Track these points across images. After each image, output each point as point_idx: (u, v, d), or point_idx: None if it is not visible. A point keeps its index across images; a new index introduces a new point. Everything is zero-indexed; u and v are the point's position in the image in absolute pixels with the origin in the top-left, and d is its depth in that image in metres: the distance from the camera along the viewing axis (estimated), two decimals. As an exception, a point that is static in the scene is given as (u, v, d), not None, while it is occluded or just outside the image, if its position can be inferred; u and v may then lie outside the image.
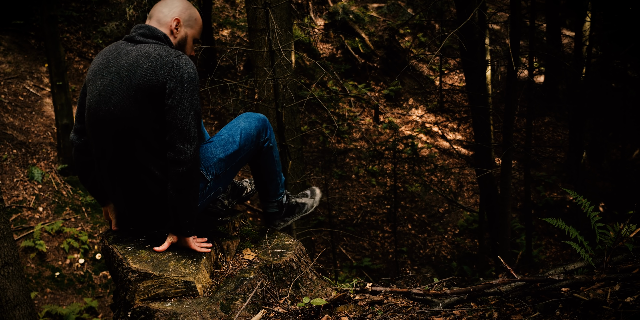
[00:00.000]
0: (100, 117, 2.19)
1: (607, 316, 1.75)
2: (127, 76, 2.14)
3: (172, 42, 2.31)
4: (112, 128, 2.17)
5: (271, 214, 2.72)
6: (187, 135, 2.12)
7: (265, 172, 2.58)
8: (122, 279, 2.24)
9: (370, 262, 9.85)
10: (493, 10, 12.99)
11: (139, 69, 2.13)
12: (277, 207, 2.69)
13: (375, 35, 14.55)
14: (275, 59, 3.63)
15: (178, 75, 2.12)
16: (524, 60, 8.67)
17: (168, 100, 2.12)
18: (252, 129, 2.44)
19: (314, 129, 9.73)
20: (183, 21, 2.33)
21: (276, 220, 2.73)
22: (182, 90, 2.12)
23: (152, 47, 2.19)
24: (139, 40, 2.23)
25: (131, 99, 2.13)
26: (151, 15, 2.33)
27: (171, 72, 2.12)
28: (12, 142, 8.57)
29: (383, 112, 13.50)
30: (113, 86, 2.16)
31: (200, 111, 2.20)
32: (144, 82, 2.12)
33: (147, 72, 2.12)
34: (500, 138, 10.16)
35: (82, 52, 11.08)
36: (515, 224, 10.53)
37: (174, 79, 2.11)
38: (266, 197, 2.66)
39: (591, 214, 2.35)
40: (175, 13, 2.31)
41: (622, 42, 10.73)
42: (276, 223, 2.74)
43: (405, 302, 2.34)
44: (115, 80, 2.16)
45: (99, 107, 2.19)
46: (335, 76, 12.30)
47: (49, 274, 7.30)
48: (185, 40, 2.35)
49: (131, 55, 2.17)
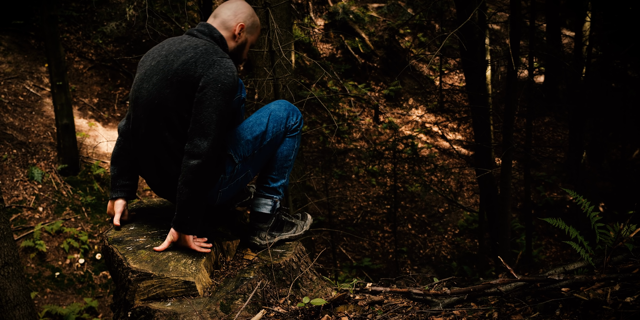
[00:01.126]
0: (140, 94, 2.31)
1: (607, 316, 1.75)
2: (171, 60, 2.25)
3: (230, 45, 2.40)
4: (148, 105, 2.27)
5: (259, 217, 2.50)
6: (207, 131, 2.17)
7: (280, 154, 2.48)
8: (122, 279, 2.24)
9: (370, 262, 9.85)
10: (493, 10, 12.99)
11: (183, 56, 2.23)
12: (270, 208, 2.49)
13: (375, 35, 14.55)
14: (275, 59, 3.63)
15: (215, 74, 2.18)
16: (524, 60, 8.66)
17: (198, 94, 2.19)
18: (281, 111, 2.46)
19: (314, 129, 9.73)
20: (247, 27, 2.42)
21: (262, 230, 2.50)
22: (215, 89, 2.18)
23: (203, 42, 2.30)
24: (195, 35, 2.35)
25: (168, 81, 2.23)
26: (216, 14, 2.40)
27: (210, 69, 2.19)
28: (12, 142, 8.57)
29: (383, 112, 13.50)
30: (158, 67, 2.28)
31: (228, 114, 2.24)
32: (182, 70, 2.21)
33: (189, 61, 2.21)
34: (500, 138, 10.16)
35: (82, 52, 11.08)
36: (515, 224, 10.53)
37: (209, 76, 2.18)
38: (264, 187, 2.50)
39: (591, 214, 2.35)
40: (241, 19, 2.39)
41: (622, 42, 10.73)
42: (261, 235, 2.50)
43: (405, 302, 2.34)
44: (161, 62, 2.28)
45: (142, 84, 2.31)
46: (335, 76, 12.30)
47: (49, 274, 7.30)
48: (244, 45, 2.45)
49: (183, 45, 2.29)
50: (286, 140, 2.49)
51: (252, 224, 2.53)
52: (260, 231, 2.51)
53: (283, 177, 2.53)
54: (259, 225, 2.52)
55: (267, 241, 2.48)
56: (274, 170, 2.50)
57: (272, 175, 2.51)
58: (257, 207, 2.52)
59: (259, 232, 2.51)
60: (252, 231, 2.53)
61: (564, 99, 13.25)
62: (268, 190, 2.52)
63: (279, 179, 2.51)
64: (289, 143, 2.50)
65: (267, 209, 2.50)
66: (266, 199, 2.51)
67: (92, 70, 10.94)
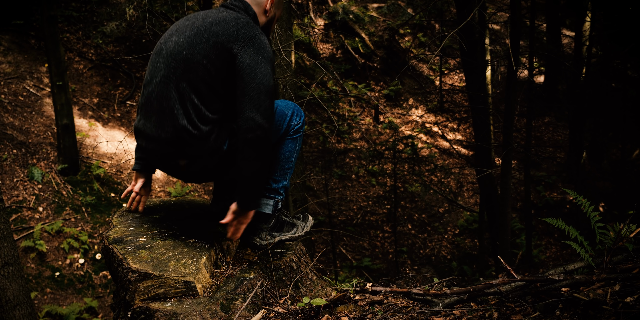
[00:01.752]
0: (167, 46, 2.27)
1: (607, 316, 1.75)
2: (209, 23, 2.22)
3: (261, 20, 2.42)
4: (172, 55, 2.23)
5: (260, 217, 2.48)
6: (258, 103, 2.15)
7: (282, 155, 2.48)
8: (122, 279, 2.24)
9: (370, 262, 9.85)
10: (493, 10, 12.99)
11: (224, 23, 2.21)
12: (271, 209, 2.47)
13: (375, 35, 14.55)
14: (275, 59, 3.63)
15: (258, 46, 2.19)
16: (524, 60, 8.67)
17: (242, 64, 2.16)
18: (287, 109, 2.47)
19: (314, 129, 9.73)
20: (275, 2, 2.44)
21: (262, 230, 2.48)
22: (260, 60, 2.18)
23: (243, 16, 2.29)
24: (231, 8, 2.34)
25: (204, 39, 2.19)
26: None
27: (252, 41, 2.20)
28: (12, 142, 8.57)
29: (383, 112, 13.51)
30: (194, 26, 2.25)
31: (273, 84, 2.23)
32: (223, 34, 2.18)
33: (231, 29, 2.19)
34: (500, 138, 10.16)
35: (82, 52, 11.08)
36: (515, 224, 10.53)
37: (253, 47, 2.18)
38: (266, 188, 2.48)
39: (591, 214, 2.35)
40: None
41: (622, 42, 10.73)
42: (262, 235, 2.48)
43: (405, 302, 2.34)
44: (197, 22, 2.25)
45: (171, 38, 2.28)
46: (335, 76, 12.30)
47: (49, 274, 7.30)
48: (273, 19, 2.48)
49: (222, 14, 2.26)
50: (288, 142, 2.49)
51: (253, 224, 2.50)
52: (260, 231, 2.50)
53: (285, 178, 2.52)
54: (259, 225, 2.50)
55: (267, 241, 2.47)
56: (275, 171, 2.49)
57: (274, 176, 2.50)
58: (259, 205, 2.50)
59: (259, 232, 2.50)
60: (253, 231, 2.51)
61: (564, 99, 13.25)
62: (270, 191, 2.50)
63: (280, 180, 2.51)
64: (290, 144, 2.49)
65: (269, 209, 2.48)
66: (268, 199, 2.49)
67: (92, 70, 10.94)
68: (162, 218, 2.63)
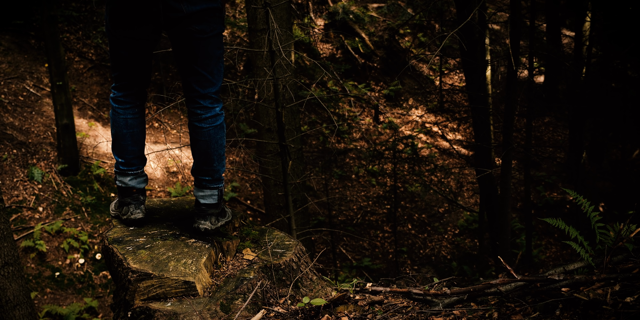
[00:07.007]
0: None
1: (607, 316, 1.75)
2: None
3: None
4: None
5: (210, 206, 2.52)
6: None
7: (217, 144, 2.51)
8: (122, 279, 2.24)
9: (370, 262, 9.84)
10: (493, 10, 12.98)
11: None
12: (216, 198, 2.53)
13: (375, 35, 14.55)
14: (275, 59, 3.63)
15: None
16: (524, 60, 8.66)
17: None
18: None
19: (314, 129, 9.73)
20: None
21: (212, 215, 2.51)
22: None
23: None
24: None
25: None
26: None
27: None
28: (12, 142, 8.57)
29: (383, 112, 13.50)
30: None
31: None
32: None
33: None
34: (500, 138, 10.15)
35: (82, 52, 11.08)
36: (515, 224, 10.52)
37: None
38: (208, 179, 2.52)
39: (591, 214, 2.35)
40: None
41: (622, 42, 10.72)
42: (212, 220, 2.51)
43: (405, 302, 2.34)
44: None
45: None
46: (335, 76, 12.30)
47: (49, 274, 7.30)
48: None
49: None
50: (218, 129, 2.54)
51: (202, 210, 2.53)
52: (210, 216, 2.53)
53: (223, 164, 2.58)
54: (209, 211, 2.53)
55: (214, 226, 2.50)
56: (215, 163, 2.54)
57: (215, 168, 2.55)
58: (204, 197, 2.54)
59: (209, 217, 2.52)
60: (203, 216, 2.52)
61: (564, 99, 13.25)
62: (215, 181, 2.55)
63: (220, 170, 2.57)
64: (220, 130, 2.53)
65: (214, 197, 2.54)
66: (212, 189, 2.54)
67: (92, 70, 10.94)
68: (162, 218, 2.63)
